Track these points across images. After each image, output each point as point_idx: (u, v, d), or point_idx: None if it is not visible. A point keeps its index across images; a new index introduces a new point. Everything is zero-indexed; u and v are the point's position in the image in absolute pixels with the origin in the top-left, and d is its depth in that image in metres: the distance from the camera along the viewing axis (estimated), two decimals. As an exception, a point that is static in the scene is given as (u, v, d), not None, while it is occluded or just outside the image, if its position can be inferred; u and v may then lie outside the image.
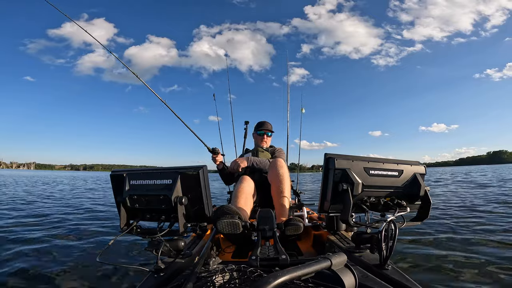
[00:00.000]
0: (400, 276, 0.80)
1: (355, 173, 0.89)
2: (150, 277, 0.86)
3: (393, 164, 0.96)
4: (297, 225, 1.16)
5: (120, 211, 0.93)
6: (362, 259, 0.95)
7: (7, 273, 1.83)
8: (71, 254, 2.28)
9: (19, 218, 3.93)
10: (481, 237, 2.48)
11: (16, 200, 6.17)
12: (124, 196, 0.90)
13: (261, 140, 2.27)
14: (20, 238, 2.77)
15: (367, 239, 0.96)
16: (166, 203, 0.86)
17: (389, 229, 0.84)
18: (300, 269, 0.55)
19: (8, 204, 5.45)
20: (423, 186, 0.96)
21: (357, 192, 0.88)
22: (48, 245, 2.53)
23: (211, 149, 2.07)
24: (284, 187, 1.56)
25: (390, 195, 0.96)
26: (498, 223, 3.03)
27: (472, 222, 3.15)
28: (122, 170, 0.95)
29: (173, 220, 0.90)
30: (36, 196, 7.37)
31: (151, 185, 0.90)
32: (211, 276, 0.74)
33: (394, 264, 0.87)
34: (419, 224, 1.01)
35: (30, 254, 2.26)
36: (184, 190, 0.89)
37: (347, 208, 0.88)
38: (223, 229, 1.09)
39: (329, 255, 0.63)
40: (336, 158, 0.89)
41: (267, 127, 2.28)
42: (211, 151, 2.07)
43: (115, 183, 0.96)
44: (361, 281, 0.69)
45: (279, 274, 0.51)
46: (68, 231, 3.16)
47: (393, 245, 0.83)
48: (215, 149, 2.07)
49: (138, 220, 0.94)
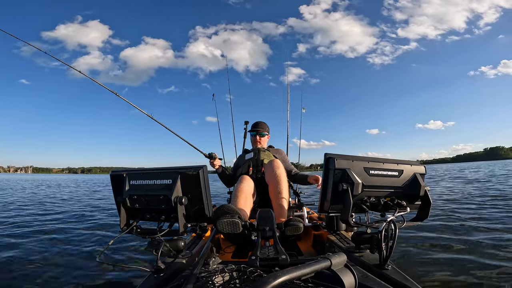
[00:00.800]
0: (400, 276, 0.80)
1: (355, 173, 0.89)
2: (150, 277, 0.86)
3: (393, 164, 0.96)
4: (297, 226, 1.16)
5: (120, 211, 0.93)
6: (362, 259, 0.95)
7: (6, 274, 1.84)
8: (71, 254, 2.28)
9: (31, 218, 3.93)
10: (480, 238, 2.48)
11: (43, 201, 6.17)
12: (124, 196, 0.90)
13: (254, 141, 2.23)
14: (21, 237, 2.78)
15: (367, 239, 0.96)
16: (166, 203, 0.86)
17: (389, 229, 0.84)
18: (300, 269, 0.55)
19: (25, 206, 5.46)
20: (423, 186, 0.96)
21: (357, 192, 0.88)
22: (49, 245, 2.53)
23: (208, 154, 2.04)
24: (281, 187, 1.56)
25: (390, 195, 0.96)
26: (494, 221, 3.03)
27: (471, 221, 3.14)
28: (122, 170, 0.95)
29: (173, 220, 0.90)
30: (49, 197, 7.38)
31: (151, 185, 0.90)
32: (211, 276, 0.74)
33: (394, 264, 0.87)
34: (419, 224, 1.01)
35: (31, 253, 2.27)
36: (184, 190, 0.89)
37: (347, 208, 0.88)
38: (223, 228, 1.09)
39: (329, 255, 0.63)
40: (336, 158, 0.89)
41: (259, 128, 2.23)
42: (208, 157, 2.04)
43: (115, 183, 0.96)
44: (361, 281, 0.69)
45: (279, 274, 0.51)
46: (68, 231, 3.16)
47: (393, 245, 0.83)
48: (212, 154, 2.04)
49: (138, 220, 0.94)
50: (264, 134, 2.23)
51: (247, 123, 2.63)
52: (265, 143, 2.27)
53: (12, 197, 7.29)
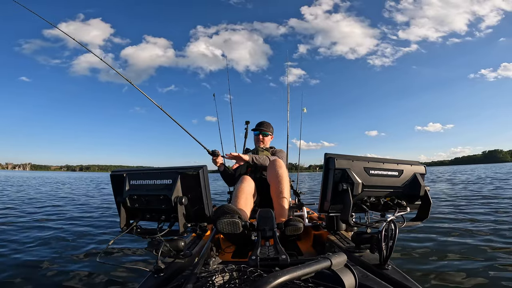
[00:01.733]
0: (400, 276, 0.80)
1: (355, 173, 0.89)
2: (150, 277, 0.86)
3: (393, 164, 0.96)
4: (297, 226, 1.16)
5: (120, 211, 0.93)
6: (362, 259, 0.95)
7: (6, 274, 1.84)
8: (71, 254, 2.28)
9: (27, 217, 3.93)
10: (481, 238, 2.48)
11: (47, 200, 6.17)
12: (124, 196, 0.90)
13: (257, 140, 2.23)
14: (20, 236, 2.78)
15: (367, 239, 0.96)
16: (166, 203, 0.86)
17: (389, 229, 0.84)
18: (300, 269, 0.55)
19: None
20: (423, 186, 0.96)
21: (357, 192, 0.88)
22: (48, 245, 2.53)
23: (211, 151, 2.05)
24: (283, 187, 1.56)
25: (390, 195, 0.96)
26: (492, 223, 3.03)
27: (470, 222, 3.14)
28: (122, 170, 0.95)
29: (173, 220, 0.90)
30: (46, 195, 7.38)
31: (151, 185, 0.90)
32: (211, 276, 0.74)
33: (394, 264, 0.87)
34: (419, 224, 1.01)
35: (30, 253, 2.27)
36: (184, 190, 0.89)
37: (347, 208, 0.88)
38: (223, 228, 1.10)
39: (329, 255, 0.63)
40: (336, 158, 0.89)
41: (262, 127, 2.24)
42: (211, 154, 2.05)
43: (115, 183, 0.96)
44: (361, 281, 0.69)
45: (279, 274, 0.51)
46: (68, 231, 3.16)
47: (393, 245, 0.83)
48: (215, 152, 2.05)
49: (138, 220, 0.94)
50: (267, 134, 2.25)
51: (248, 123, 2.63)
52: (268, 143, 2.28)
53: (12, 195, 7.29)
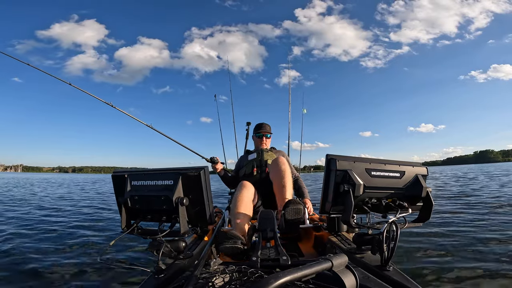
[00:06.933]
0: (401, 278, 0.80)
1: (356, 174, 0.89)
2: (151, 277, 0.86)
3: (395, 165, 0.96)
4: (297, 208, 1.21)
5: (122, 211, 0.93)
6: (363, 261, 0.95)
7: (6, 273, 1.84)
8: (72, 254, 2.28)
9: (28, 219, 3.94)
10: (481, 239, 2.46)
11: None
12: (125, 197, 0.90)
13: (260, 142, 2.24)
14: (21, 236, 2.79)
15: (369, 240, 0.96)
16: (167, 203, 0.86)
17: (391, 230, 0.83)
18: (301, 270, 0.55)
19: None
20: (425, 187, 0.95)
21: (359, 193, 0.87)
22: (49, 245, 2.54)
23: (210, 159, 2.09)
24: (286, 181, 1.56)
25: (391, 196, 0.96)
26: (498, 226, 3.01)
27: (470, 222, 3.13)
28: (123, 171, 0.96)
29: (174, 221, 0.90)
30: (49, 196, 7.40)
31: (152, 185, 0.90)
32: (212, 277, 0.74)
33: (395, 266, 0.87)
34: (421, 225, 1.00)
35: (31, 253, 2.27)
36: (185, 191, 0.89)
37: (349, 209, 0.87)
38: (225, 252, 1.18)
39: (330, 256, 0.63)
40: (338, 159, 0.89)
41: (265, 129, 2.25)
42: (210, 161, 2.08)
43: (117, 184, 0.96)
44: (362, 283, 0.69)
45: (280, 275, 0.51)
46: (68, 231, 3.17)
47: (394, 246, 0.83)
48: (213, 159, 2.09)
49: (139, 221, 0.94)
50: (270, 135, 2.27)
51: (249, 124, 2.63)
52: (269, 144, 2.30)
53: (12, 194, 7.32)
